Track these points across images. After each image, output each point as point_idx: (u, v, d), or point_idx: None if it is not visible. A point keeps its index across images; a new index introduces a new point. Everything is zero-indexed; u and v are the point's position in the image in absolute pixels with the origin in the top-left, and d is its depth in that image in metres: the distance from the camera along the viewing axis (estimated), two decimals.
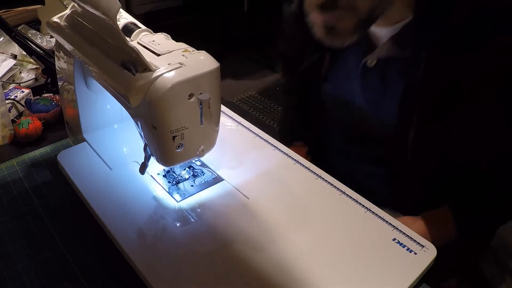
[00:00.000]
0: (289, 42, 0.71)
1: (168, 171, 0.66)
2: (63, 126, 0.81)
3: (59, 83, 0.76)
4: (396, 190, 0.65)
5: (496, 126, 0.65)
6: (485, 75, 0.62)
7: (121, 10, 0.56)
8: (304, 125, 0.90)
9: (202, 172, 0.68)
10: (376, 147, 0.78)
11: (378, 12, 0.64)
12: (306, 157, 0.75)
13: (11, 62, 1.02)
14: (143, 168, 0.62)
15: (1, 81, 0.95)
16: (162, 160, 0.57)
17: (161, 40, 0.56)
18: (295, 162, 0.70)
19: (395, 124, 0.71)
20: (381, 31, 0.70)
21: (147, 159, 0.60)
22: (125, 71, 0.51)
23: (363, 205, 0.62)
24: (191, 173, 0.67)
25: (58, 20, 0.65)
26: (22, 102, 0.90)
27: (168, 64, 0.51)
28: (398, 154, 0.71)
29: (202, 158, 0.68)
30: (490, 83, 0.63)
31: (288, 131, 0.83)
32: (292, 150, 0.71)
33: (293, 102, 0.97)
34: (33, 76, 1.01)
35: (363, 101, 0.76)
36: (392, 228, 0.59)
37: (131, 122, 0.57)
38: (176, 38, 0.58)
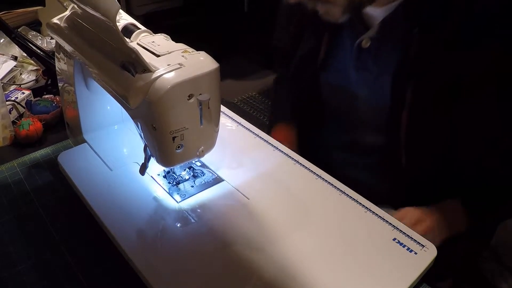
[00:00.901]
0: (285, 31, 0.71)
1: (168, 172, 0.66)
2: (63, 127, 0.81)
3: (60, 84, 0.76)
4: (392, 184, 0.64)
5: (497, 122, 0.65)
6: (487, 70, 0.62)
7: (120, 11, 0.56)
8: (293, 107, 0.89)
9: (202, 172, 0.68)
10: (370, 135, 0.78)
11: None
12: (292, 142, 0.73)
13: (12, 63, 1.02)
14: (143, 169, 0.62)
15: (2, 82, 0.95)
16: (162, 161, 0.57)
17: (161, 41, 0.56)
18: (295, 162, 0.70)
19: (388, 108, 0.70)
20: (374, 11, 0.70)
21: (147, 160, 0.60)
22: (124, 72, 0.52)
23: (363, 205, 0.62)
24: (191, 173, 0.67)
25: (58, 22, 0.65)
26: (23, 103, 0.90)
27: (168, 65, 0.51)
28: (392, 140, 0.71)
29: (202, 159, 0.68)
30: (492, 78, 0.62)
31: (276, 112, 0.83)
32: (276, 134, 0.70)
33: (284, 89, 0.97)
34: (34, 78, 1.01)
35: (358, 84, 0.76)
36: (392, 228, 0.59)
37: (131, 123, 0.57)
38: (176, 38, 0.58)
